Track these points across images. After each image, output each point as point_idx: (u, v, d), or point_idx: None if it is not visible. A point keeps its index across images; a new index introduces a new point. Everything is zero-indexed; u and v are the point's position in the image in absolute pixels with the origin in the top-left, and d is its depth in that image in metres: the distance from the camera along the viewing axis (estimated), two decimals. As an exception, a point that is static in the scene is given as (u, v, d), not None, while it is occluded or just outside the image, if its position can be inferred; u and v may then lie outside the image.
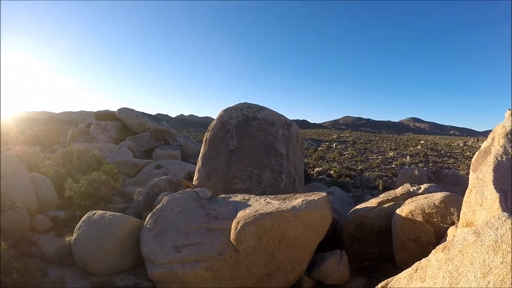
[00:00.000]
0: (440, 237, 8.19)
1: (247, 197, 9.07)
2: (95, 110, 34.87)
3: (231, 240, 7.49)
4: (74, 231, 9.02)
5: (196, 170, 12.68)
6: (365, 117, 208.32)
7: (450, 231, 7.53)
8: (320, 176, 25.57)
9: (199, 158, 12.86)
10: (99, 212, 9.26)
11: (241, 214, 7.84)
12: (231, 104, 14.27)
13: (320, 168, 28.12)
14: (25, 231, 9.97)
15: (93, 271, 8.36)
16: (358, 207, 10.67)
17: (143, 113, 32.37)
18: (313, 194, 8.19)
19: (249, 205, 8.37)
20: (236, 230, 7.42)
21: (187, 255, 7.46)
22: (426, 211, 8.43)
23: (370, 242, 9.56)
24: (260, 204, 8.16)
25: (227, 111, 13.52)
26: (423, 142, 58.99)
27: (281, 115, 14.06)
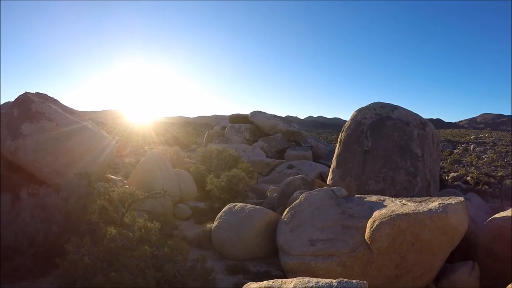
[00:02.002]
0: None
1: (382, 198, 9.20)
2: (226, 114, 37.74)
3: (365, 238, 7.74)
4: (215, 219, 10.25)
5: (331, 170, 13.07)
6: (506, 114, 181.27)
7: None
8: (455, 183, 23.91)
9: (333, 159, 13.21)
10: (239, 204, 10.40)
11: (377, 213, 8.03)
12: (361, 104, 14.28)
13: (456, 174, 26.25)
14: (169, 216, 11.67)
15: (229, 255, 9.43)
16: (496, 215, 9.93)
17: (274, 115, 33.98)
18: (450, 198, 7.97)
19: (385, 206, 8.49)
20: (371, 229, 7.64)
21: (321, 249, 7.94)
22: None
23: (507, 257, 8.85)
24: (396, 205, 8.23)
25: (360, 111, 13.61)
26: None
27: (416, 114, 13.68)
